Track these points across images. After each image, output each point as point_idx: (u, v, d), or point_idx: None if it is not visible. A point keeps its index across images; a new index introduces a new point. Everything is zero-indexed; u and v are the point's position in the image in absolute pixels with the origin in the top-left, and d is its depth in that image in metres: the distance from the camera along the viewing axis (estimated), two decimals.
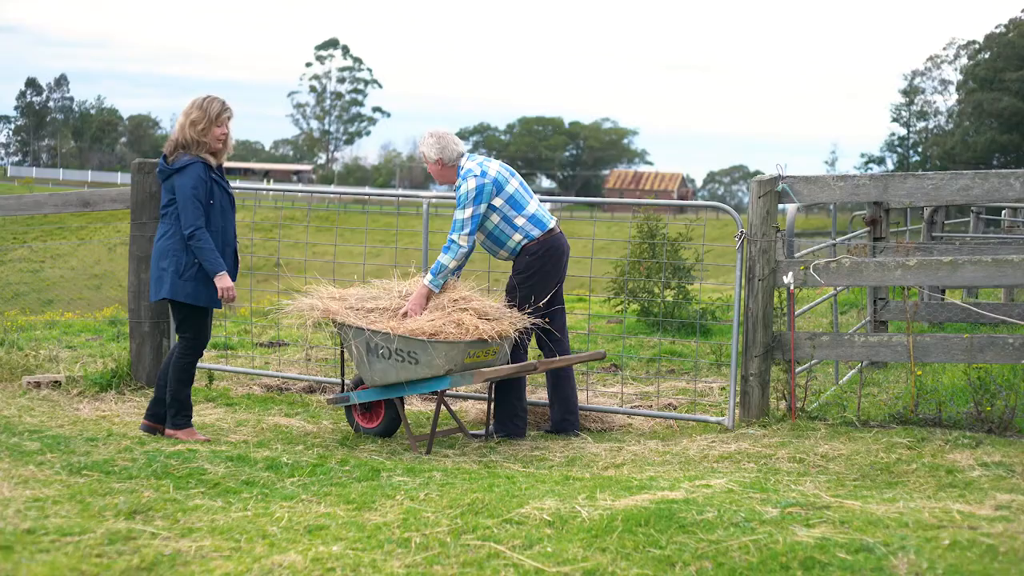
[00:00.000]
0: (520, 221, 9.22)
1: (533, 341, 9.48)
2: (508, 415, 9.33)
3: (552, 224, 9.37)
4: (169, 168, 8.69)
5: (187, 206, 8.56)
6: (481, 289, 9.38)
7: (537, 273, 9.25)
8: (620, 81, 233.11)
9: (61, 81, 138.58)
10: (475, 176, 9.09)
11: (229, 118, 8.85)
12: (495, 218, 9.16)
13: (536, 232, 9.25)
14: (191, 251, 8.58)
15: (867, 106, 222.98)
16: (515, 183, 9.31)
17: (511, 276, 9.29)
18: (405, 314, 8.86)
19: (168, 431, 8.84)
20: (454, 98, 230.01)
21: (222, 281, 8.57)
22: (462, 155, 9.30)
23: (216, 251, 8.58)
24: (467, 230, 9.01)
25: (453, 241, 9.01)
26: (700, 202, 10.74)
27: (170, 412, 8.84)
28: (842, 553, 5.41)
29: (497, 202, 9.14)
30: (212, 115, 8.72)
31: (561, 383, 9.47)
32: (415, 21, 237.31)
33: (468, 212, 9.02)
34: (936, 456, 7.82)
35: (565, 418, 9.47)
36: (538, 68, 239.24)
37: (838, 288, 12.21)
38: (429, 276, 9.00)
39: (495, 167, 9.26)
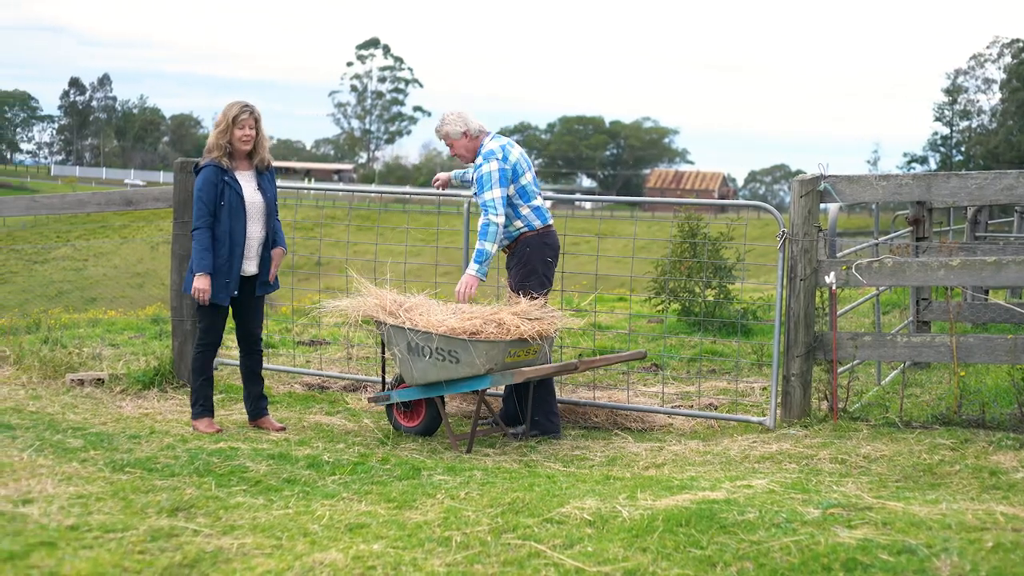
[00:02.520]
0: (525, 211, 9.37)
1: None
2: (544, 413, 9.34)
3: (551, 220, 9.55)
4: (194, 171, 9.16)
5: (193, 207, 9.01)
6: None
7: (540, 263, 9.36)
8: (661, 80, 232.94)
9: (104, 81, 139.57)
10: (497, 159, 9.24)
11: (256, 120, 9.09)
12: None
13: (537, 223, 9.39)
14: None
15: (910, 105, 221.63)
16: (529, 176, 9.48)
17: (514, 274, 9.31)
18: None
19: (193, 424, 9.15)
20: (495, 97, 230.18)
21: (198, 281, 8.89)
22: (482, 128, 9.52)
23: (208, 251, 8.88)
24: (500, 209, 9.13)
25: (491, 223, 9.10)
26: (741, 201, 10.72)
27: (190, 401, 9.24)
28: (884, 555, 5.38)
29: (510, 190, 9.26)
30: (231, 119, 9.02)
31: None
32: (455, 20, 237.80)
33: (497, 192, 9.15)
34: (979, 458, 7.77)
35: (549, 419, 9.46)
36: (579, 67, 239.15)
37: (880, 288, 12.13)
38: (475, 265, 9.11)
39: (516, 154, 9.42)
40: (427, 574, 5.40)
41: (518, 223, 9.34)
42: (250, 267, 9.11)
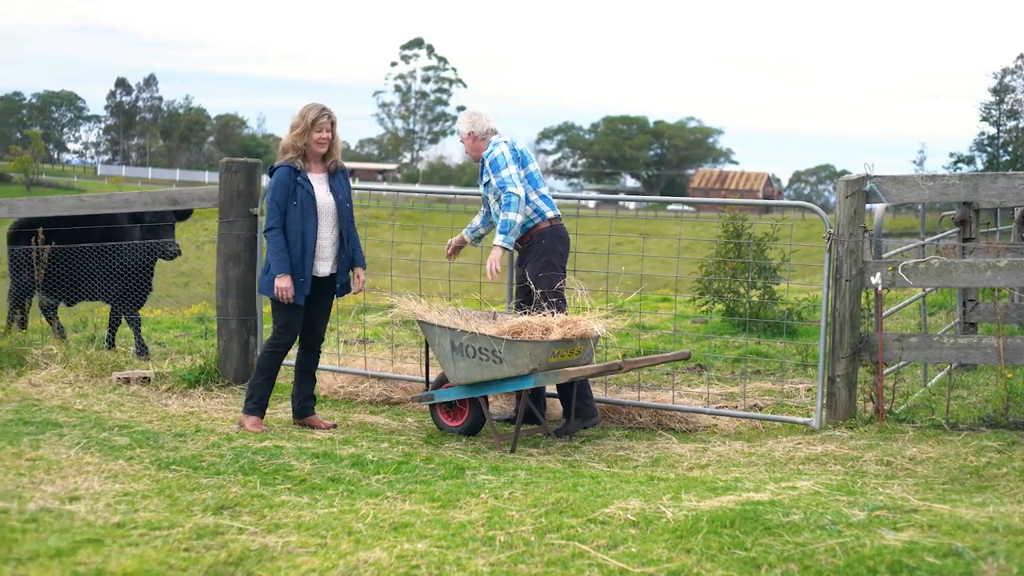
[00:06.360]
0: (534, 197, 9.47)
1: None
2: (579, 397, 9.35)
3: (558, 212, 9.63)
4: (269, 173, 9.18)
5: (266, 208, 9.05)
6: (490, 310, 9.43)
7: (555, 256, 9.42)
8: (705, 80, 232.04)
9: (150, 81, 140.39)
10: (504, 143, 9.47)
11: (333, 123, 9.16)
12: None
13: (548, 212, 9.47)
14: None
15: (956, 105, 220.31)
16: (534, 166, 9.64)
17: (530, 267, 9.31)
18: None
19: (242, 417, 9.22)
20: (538, 97, 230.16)
21: (279, 281, 8.91)
22: (493, 131, 9.64)
23: (284, 252, 8.91)
24: (519, 183, 9.28)
25: (512, 194, 9.22)
26: (786, 201, 10.67)
27: (246, 395, 9.27)
28: (930, 557, 5.35)
29: (520, 173, 9.38)
30: (309, 121, 9.06)
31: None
32: (499, 21, 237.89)
33: (512, 169, 9.33)
34: None
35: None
36: (622, 67, 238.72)
37: (927, 289, 12.06)
38: (500, 236, 9.21)
39: (521, 145, 9.64)
40: (471, 573, 5.40)
41: (528, 210, 9.41)
42: (323, 268, 9.17)
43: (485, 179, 9.47)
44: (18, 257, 12.29)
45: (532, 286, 9.21)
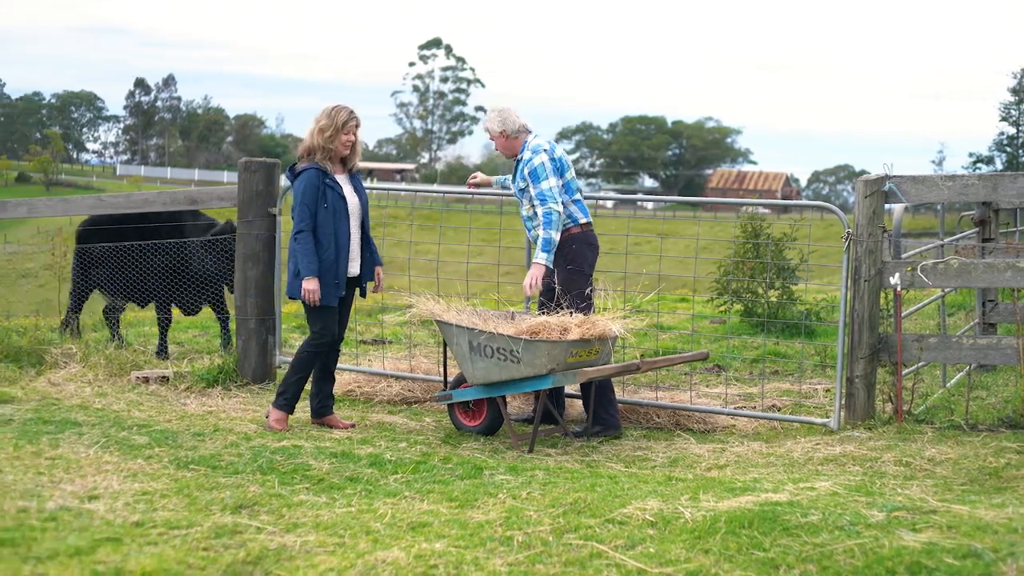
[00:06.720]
0: (570, 205, 9.40)
1: None
2: (602, 407, 9.34)
3: (590, 218, 9.59)
4: (292, 174, 9.15)
5: (296, 210, 8.96)
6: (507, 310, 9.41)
7: (585, 261, 9.39)
8: (723, 80, 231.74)
9: (169, 81, 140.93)
10: (545, 152, 9.33)
11: (356, 126, 9.18)
12: None
13: (581, 218, 9.43)
14: None
15: (975, 105, 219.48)
16: (572, 173, 9.56)
17: (560, 270, 9.28)
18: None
19: (270, 409, 9.26)
20: (556, 97, 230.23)
21: (307, 283, 8.90)
22: (525, 127, 9.56)
23: (313, 254, 8.90)
24: (559, 198, 9.20)
25: (553, 211, 9.14)
26: (805, 202, 10.65)
27: (278, 391, 9.25)
28: (949, 558, 5.33)
29: (559, 183, 9.33)
30: (339, 123, 9.06)
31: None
32: (517, 20, 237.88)
33: (552, 181, 9.23)
34: None
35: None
36: (640, 67, 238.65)
37: (946, 290, 12.03)
38: (542, 254, 9.10)
39: (560, 151, 9.55)
40: (489, 573, 5.41)
41: (563, 216, 9.36)
42: (353, 268, 9.23)
43: (521, 184, 9.39)
44: (89, 256, 12.26)
45: (558, 288, 9.20)
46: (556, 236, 9.13)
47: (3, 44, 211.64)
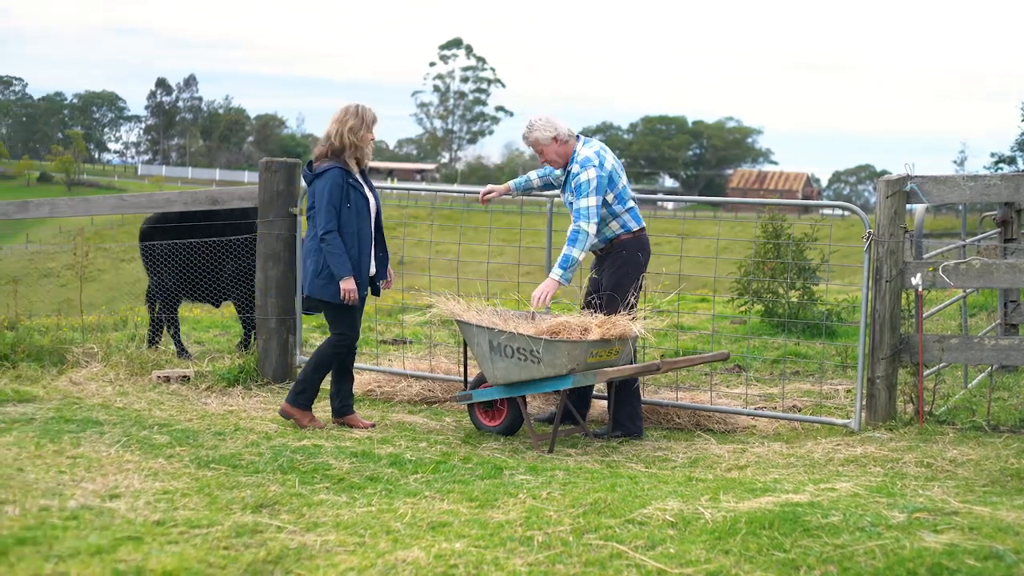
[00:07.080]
0: (623, 213, 9.27)
1: None
2: (627, 416, 9.31)
3: (643, 224, 9.49)
4: (312, 174, 9.11)
5: (321, 210, 8.94)
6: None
7: (634, 267, 9.29)
8: (744, 80, 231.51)
9: (190, 81, 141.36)
10: (595, 167, 9.10)
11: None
12: (602, 209, 9.16)
13: (633, 225, 9.31)
14: None
15: (997, 105, 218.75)
16: (624, 180, 9.38)
17: (608, 275, 9.25)
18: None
19: (285, 404, 9.29)
20: (577, 97, 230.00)
21: (345, 283, 8.91)
22: (571, 132, 9.38)
23: (344, 255, 8.91)
24: (595, 219, 9.01)
25: (582, 230, 8.99)
26: (826, 202, 10.61)
27: (296, 389, 9.27)
28: (971, 560, 5.32)
29: (609, 197, 9.18)
30: (369, 121, 9.13)
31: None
32: (538, 21, 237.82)
33: (593, 200, 9.02)
34: None
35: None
36: (661, 67, 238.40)
37: (968, 290, 11.98)
38: (559, 270, 9.00)
39: (610, 160, 9.30)
40: (509, 573, 5.41)
41: (614, 225, 9.24)
42: (372, 267, 9.27)
43: (570, 198, 9.21)
44: (158, 255, 12.23)
45: (602, 292, 9.15)
46: (579, 255, 8.99)
47: (25, 45, 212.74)
